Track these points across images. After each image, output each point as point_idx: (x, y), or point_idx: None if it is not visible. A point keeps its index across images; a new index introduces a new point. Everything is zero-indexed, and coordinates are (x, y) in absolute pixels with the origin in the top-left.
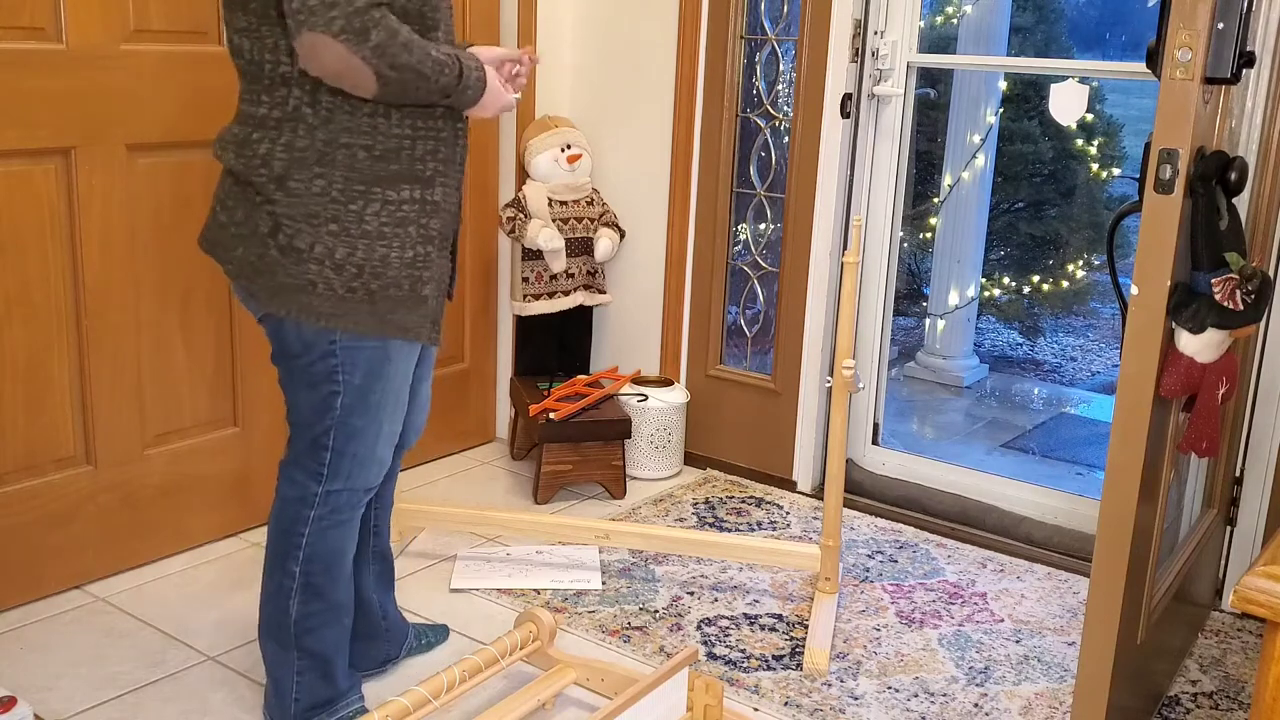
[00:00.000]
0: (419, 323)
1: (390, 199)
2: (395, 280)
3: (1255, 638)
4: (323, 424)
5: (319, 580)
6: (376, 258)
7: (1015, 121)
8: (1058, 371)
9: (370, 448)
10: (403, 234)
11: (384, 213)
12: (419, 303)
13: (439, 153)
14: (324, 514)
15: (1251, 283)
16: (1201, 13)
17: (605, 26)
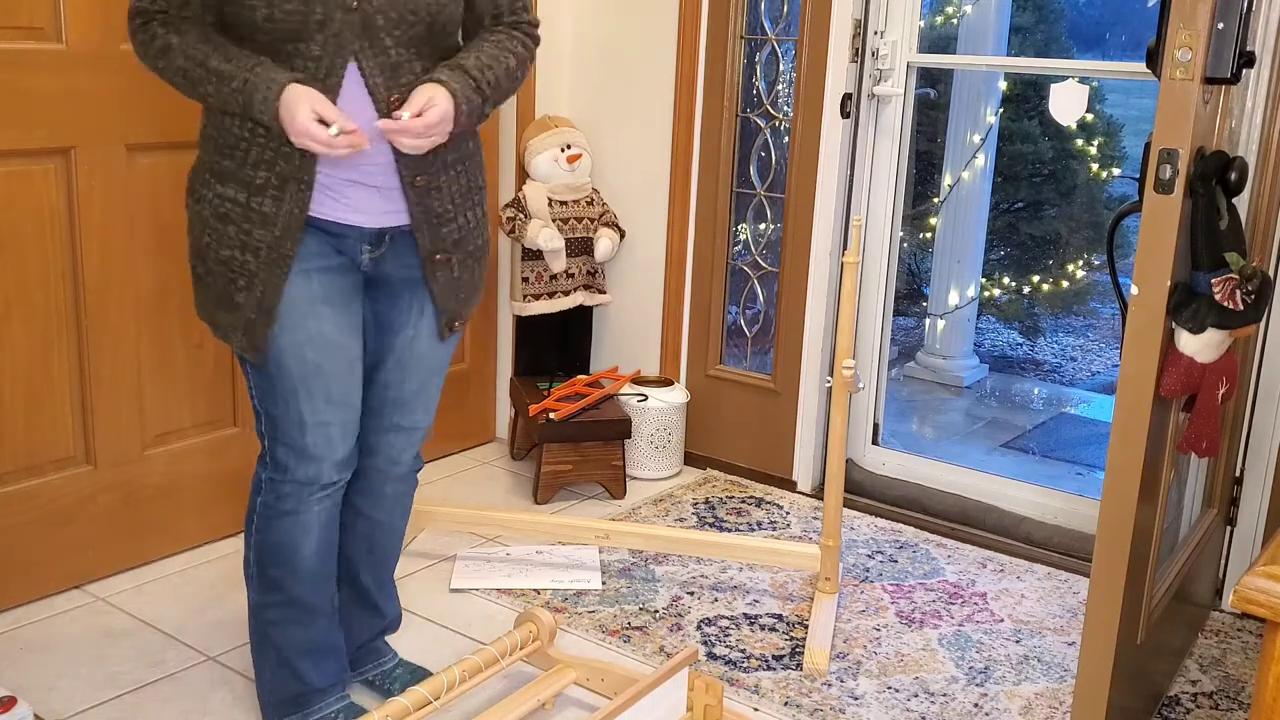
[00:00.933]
0: (230, 326)
1: (219, 193)
2: (211, 272)
3: (1255, 638)
4: (256, 409)
5: (274, 573)
6: (202, 244)
7: (1015, 121)
8: (1058, 371)
9: (295, 438)
10: (221, 231)
11: (216, 202)
12: (231, 307)
13: (275, 165)
14: (269, 501)
15: (1251, 283)
16: (1201, 13)
17: (605, 26)
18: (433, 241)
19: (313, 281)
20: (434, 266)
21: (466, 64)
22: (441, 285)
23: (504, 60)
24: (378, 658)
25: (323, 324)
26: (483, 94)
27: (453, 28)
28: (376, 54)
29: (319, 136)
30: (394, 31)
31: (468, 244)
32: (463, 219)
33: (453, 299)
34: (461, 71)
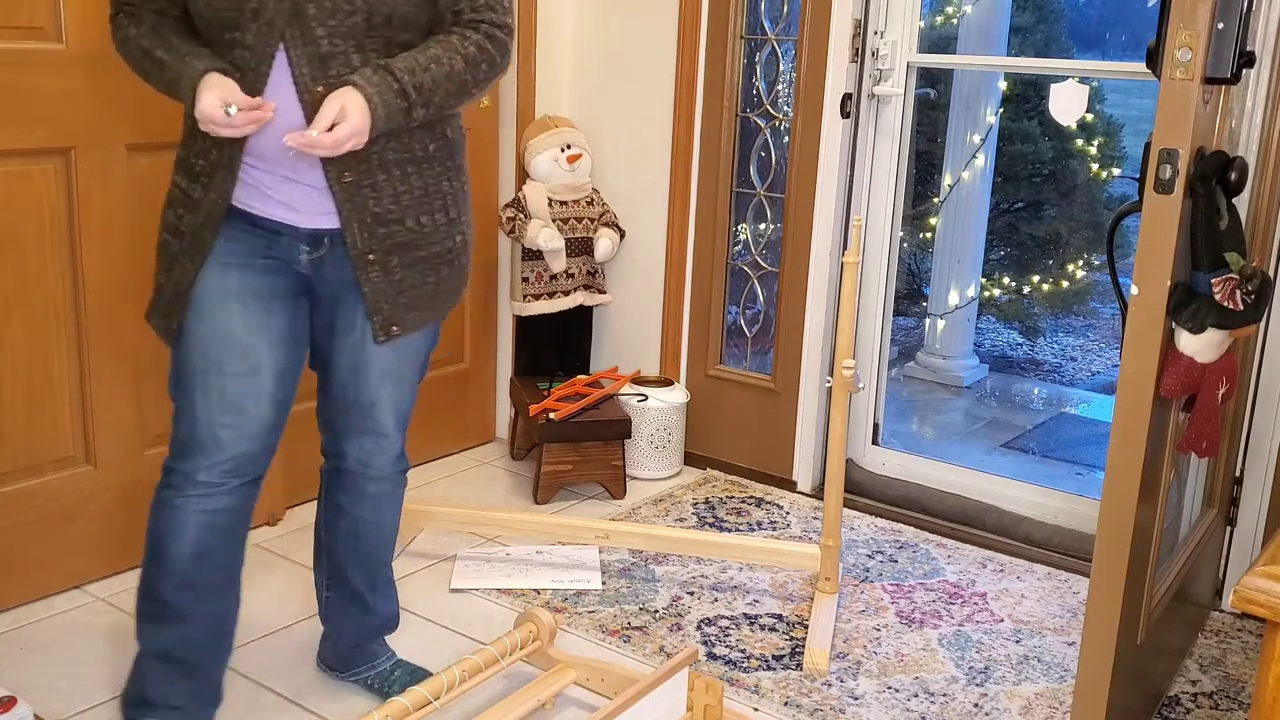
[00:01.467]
0: (153, 305)
1: (174, 180)
2: (155, 255)
3: (1255, 638)
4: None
5: (146, 559)
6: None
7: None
8: (1058, 371)
9: (186, 428)
10: (166, 214)
11: (171, 189)
12: (156, 289)
13: (210, 154)
14: (160, 484)
15: (1251, 283)
16: (1201, 13)
17: (605, 26)
18: (365, 242)
19: (230, 276)
20: (366, 267)
21: (395, 65)
22: (375, 287)
23: (448, 62)
24: (373, 659)
25: (231, 320)
26: (407, 98)
27: (404, 22)
28: (306, 44)
29: (215, 118)
30: (327, 21)
31: (418, 248)
32: (414, 222)
33: (389, 303)
34: (385, 73)
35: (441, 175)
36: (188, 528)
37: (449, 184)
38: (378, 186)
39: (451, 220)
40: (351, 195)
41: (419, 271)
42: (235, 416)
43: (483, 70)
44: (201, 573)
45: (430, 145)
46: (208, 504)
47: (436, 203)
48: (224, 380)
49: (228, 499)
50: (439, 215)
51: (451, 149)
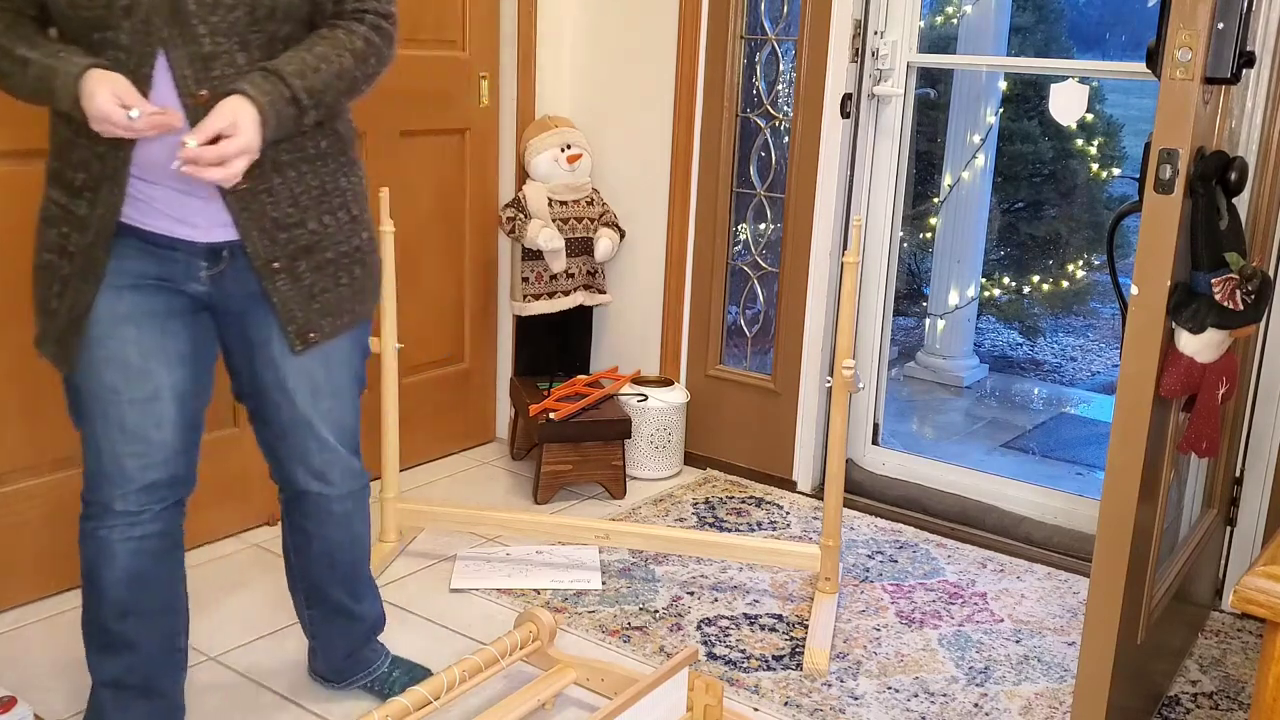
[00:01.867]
0: (44, 332)
1: (48, 195)
2: (35, 277)
3: (1255, 638)
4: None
5: (85, 593)
6: (35, 248)
7: (1015, 121)
8: (1058, 371)
9: (93, 459)
10: (45, 232)
11: (45, 204)
12: (48, 314)
13: (91, 166)
14: (81, 516)
15: (1251, 283)
16: (1201, 13)
17: (605, 26)
18: (268, 250)
19: (122, 299)
20: (272, 276)
21: (285, 69)
22: (284, 296)
23: (337, 60)
24: (368, 665)
25: (125, 346)
26: (298, 104)
27: (286, 15)
28: (187, 43)
29: (117, 119)
30: (208, 18)
31: (324, 249)
32: (316, 224)
33: (302, 310)
34: (276, 80)
35: (337, 172)
36: (115, 557)
37: (345, 180)
38: (274, 190)
39: (355, 218)
40: (247, 203)
41: (329, 274)
42: (138, 444)
43: (371, 65)
44: (139, 599)
45: (322, 142)
46: (132, 532)
47: (336, 200)
48: (122, 408)
49: (152, 525)
50: (340, 214)
51: (343, 144)
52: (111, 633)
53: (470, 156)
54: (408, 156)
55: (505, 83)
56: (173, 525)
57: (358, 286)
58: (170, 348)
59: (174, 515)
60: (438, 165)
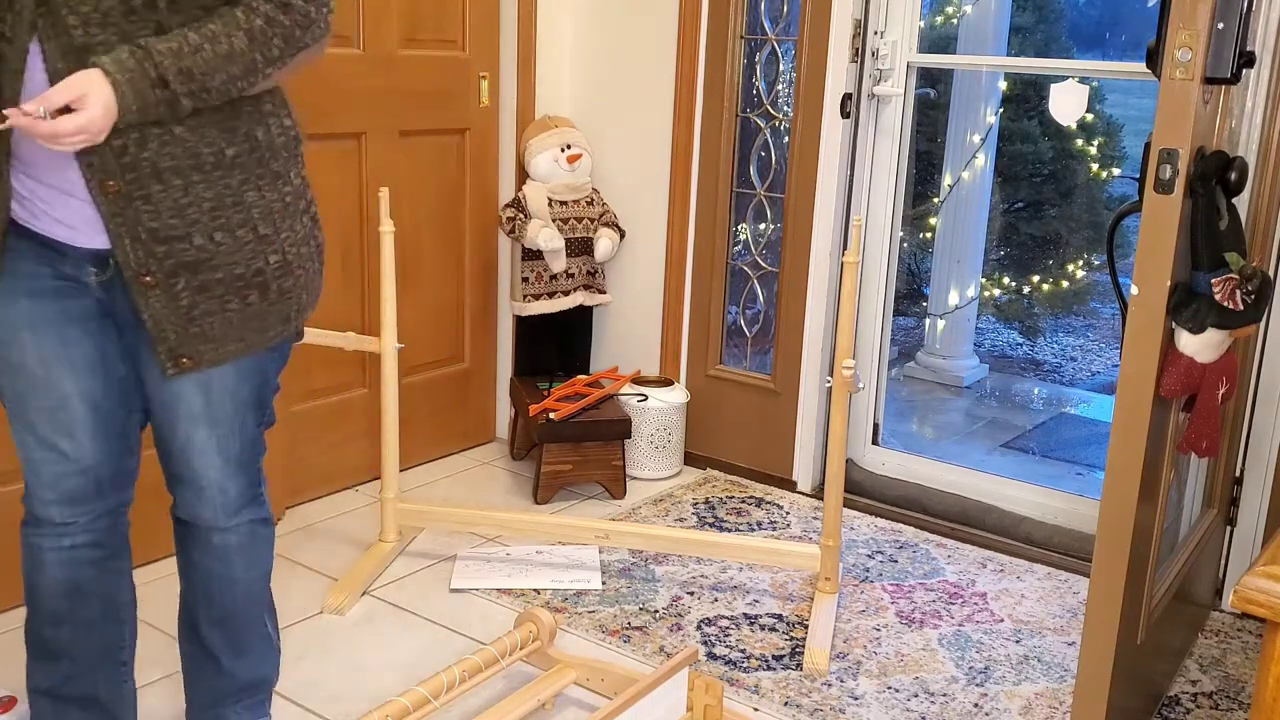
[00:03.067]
0: None
1: None
2: None
3: (1255, 638)
4: None
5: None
6: None
7: (1015, 121)
8: (1058, 371)
9: (22, 465)
10: None
11: None
12: None
13: None
14: (22, 520)
15: (1251, 283)
16: (1201, 13)
17: (605, 27)
18: (139, 261)
19: (18, 306)
20: (144, 291)
21: (157, 46)
22: (156, 313)
23: (227, 40)
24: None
25: (24, 354)
26: (167, 85)
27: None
28: (58, 34)
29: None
30: (79, 8)
31: (212, 269)
32: (204, 239)
33: (175, 331)
34: (143, 56)
35: (245, 185)
36: (48, 565)
37: (257, 194)
38: (152, 198)
39: (262, 237)
40: (120, 208)
41: (215, 297)
42: (50, 453)
43: (275, 48)
44: (74, 608)
45: (228, 150)
46: (61, 542)
47: (236, 217)
48: (31, 418)
49: (84, 535)
50: (241, 231)
51: (263, 154)
52: (46, 640)
53: (470, 156)
54: (408, 156)
55: (505, 83)
56: (107, 538)
57: (252, 313)
58: (74, 355)
59: (107, 526)
60: (438, 165)
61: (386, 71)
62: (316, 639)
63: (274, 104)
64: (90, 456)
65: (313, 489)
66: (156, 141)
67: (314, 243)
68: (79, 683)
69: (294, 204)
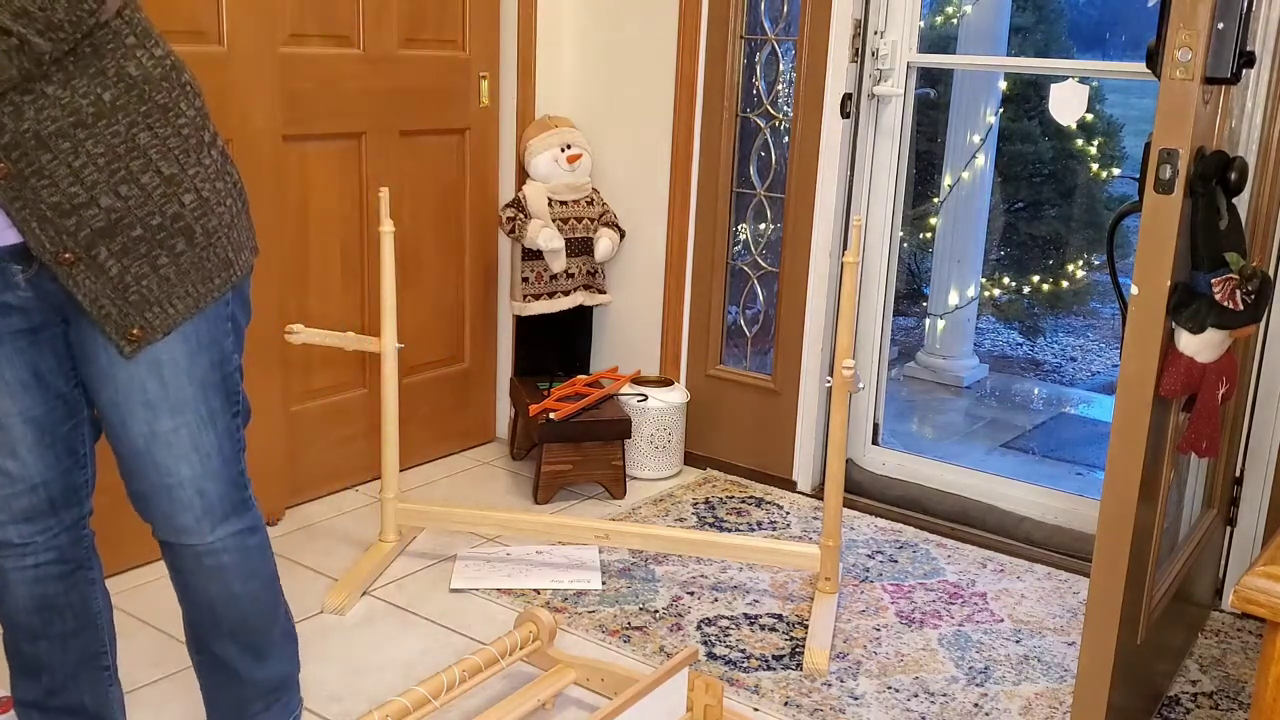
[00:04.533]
0: None
1: None
2: None
3: (1255, 638)
4: None
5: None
6: None
7: (1015, 121)
8: (1058, 371)
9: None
10: None
11: None
12: None
13: None
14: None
15: (1251, 283)
16: (1201, 13)
17: (605, 26)
18: (53, 241)
19: None
20: (67, 270)
21: None
22: (88, 290)
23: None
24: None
25: None
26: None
27: None
28: None
29: None
30: None
31: (129, 227)
32: (110, 198)
33: (115, 303)
34: None
35: (134, 128)
36: (13, 585)
37: (150, 135)
38: (46, 170)
39: (169, 178)
40: (17, 190)
41: (142, 256)
42: None
43: None
44: (48, 623)
45: (104, 95)
46: (25, 561)
47: (136, 164)
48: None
49: (45, 554)
50: (145, 178)
51: (142, 90)
52: (25, 656)
53: (470, 156)
54: (408, 156)
55: (505, 83)
56: (70, 551)
57: (187, 263)
58: (7, 375)
59: (69, 541)
60: (438, 165)
61: (386, 71)
62: (316, 639)
63: (136, 35)
64: (38, 474)
65: (313, 489)
66: (32, 109)
67: (229, 179)
68: (64, 694)
69: (193, 135)
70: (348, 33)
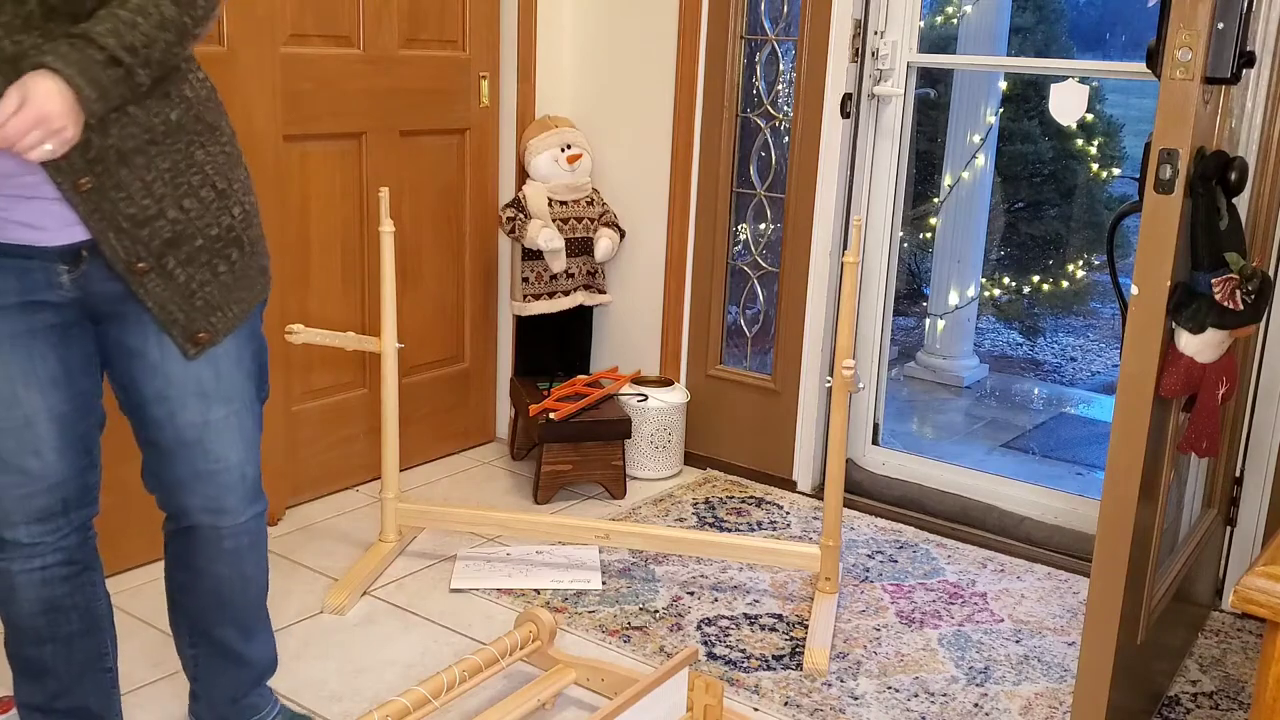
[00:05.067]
0: None
1: None
2: None
3: (1255, 638)
4: None
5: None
6: None
7: (1015, 121)
8: (1058, 371)
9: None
10: None
11: None
12: None
13: None
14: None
15: (1251, 283)
16: (1201, 13)
17: (605, 26)
18: (128, 251)
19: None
20: (140, 279)
21: (94, 30)
22: (159, 298)
23: (156, 10)
24: (256, 712)
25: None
26: (120, 63)
27: None
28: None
29: None
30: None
31: (192, 238)
32: (176, 211)
33: (183, 309)
34: (84, 43)
35: (192, 146)
36: (20, 588)
37: (203, 152)
38: (123, 184)
39: (221, 192)
40: (97, 203)
41: (204, 264)
42: (15, 475)
43: (200, 8)
44: (54, 626)
45: (172, 114)
46: (32, 564)
47: (195, 179)
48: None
49: (53, 555)
50: (204, 192)
51: (197, 110)
52: (30, 659)
53: (470, 156)
54: (408, 156)
55: (505, 83)
56: (78, 553)
57: (239, 272)
58: (40, 370)
59: (77, 542)
60: (438, 165)
61: (386, 71)
62: (316, 639)
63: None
64: (57, 474)
65: (313, 489)
66: (115, 126)
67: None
68: (69, 697)
69: (233, 152)
70: (348, 33)
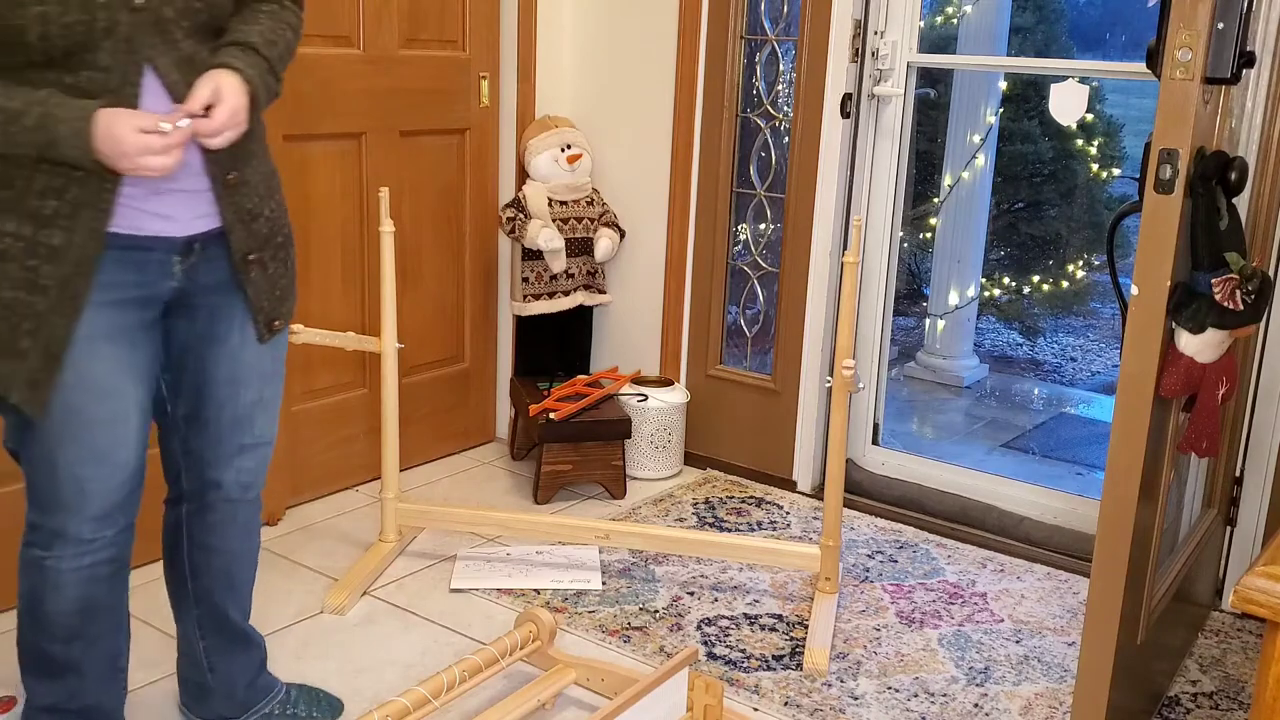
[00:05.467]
0: (11, 376)
1: None
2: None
3: (1255, 638)
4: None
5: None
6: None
7: (1015, 121)
8: (1058, 371)
9: (44, 484)
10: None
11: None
12: (15, 355)
13: (68, 192)
14: (26, 541)
15: (1251, 283)
16: (1201, 13)
17: (605, 26)
18: (245, 241)
19: (101, 316)
20: (248, 268)
21: (254, 41)
22: (256, 286)
23: (284, 34)
24: (266, 693)
25: (96, 364)
26: (275, 73)
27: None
28: (169, 50)
29: (155, 147)
30: (183, 23)
31: (276, 236)
32: (269, 210)
33: (268, 298)
34: (252, 51)
35: (266, 155)
36: (65, 586)
37: (270, 163)
38: (247, 180)
39: (281, 198)
40: (234, 195)
41: (280, 260)
42: (102, 467)
43: (298, 36)
44: (86, 624)
45: (258, 128)
46: (82, 560)
47: (275, 183)
48: (90, 431)
49: (105, 552)
50: (279, 195)
51: (261, 126)
52: (55, 659)
53: (470, 156)
54: (408, 156)
55: (505, 83)
56: (123, 550)
57: (292, 269)
58: (139, 362)
59: (126, 540)
60: (438, 165)
61: (386, 71)
62: (316, 639)
63: None
64: (132, 466)
65: (313, 489)
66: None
67: None
68: (84, 696)
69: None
70: (348, 33)
